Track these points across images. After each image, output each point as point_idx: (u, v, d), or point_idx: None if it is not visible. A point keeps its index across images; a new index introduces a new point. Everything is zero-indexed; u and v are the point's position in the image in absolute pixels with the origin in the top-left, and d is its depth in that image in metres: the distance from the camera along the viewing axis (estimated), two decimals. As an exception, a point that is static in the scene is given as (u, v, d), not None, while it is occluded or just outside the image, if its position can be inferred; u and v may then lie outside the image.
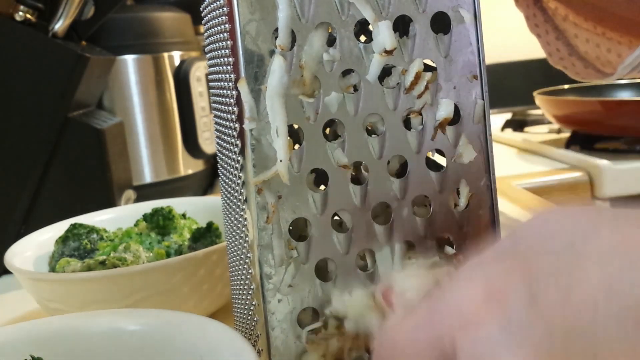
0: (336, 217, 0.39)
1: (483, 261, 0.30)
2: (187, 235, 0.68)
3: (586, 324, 0.25)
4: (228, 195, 0.45)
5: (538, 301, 0.26)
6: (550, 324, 0.26)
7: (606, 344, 0.25)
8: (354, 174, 0.39)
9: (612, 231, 0.27)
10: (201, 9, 0.44)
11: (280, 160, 0.37)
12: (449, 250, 0.40)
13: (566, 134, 1.35)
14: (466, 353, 0.28)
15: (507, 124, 1.55)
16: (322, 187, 0.38)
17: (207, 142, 1.10)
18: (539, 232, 0.29)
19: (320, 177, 0.38)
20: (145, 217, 0.69)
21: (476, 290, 0.28)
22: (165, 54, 1.04)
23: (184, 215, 0.71)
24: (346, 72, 0.38)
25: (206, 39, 0.45)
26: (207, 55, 0.45)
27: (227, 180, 0.45)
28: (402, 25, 0.39)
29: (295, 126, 0.38)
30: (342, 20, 0.37)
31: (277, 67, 0.36)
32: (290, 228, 0.38)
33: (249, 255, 0.39)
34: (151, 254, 0.64)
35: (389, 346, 0.33)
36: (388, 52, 0.37)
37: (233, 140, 0.39)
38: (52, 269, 0.65)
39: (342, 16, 0.37)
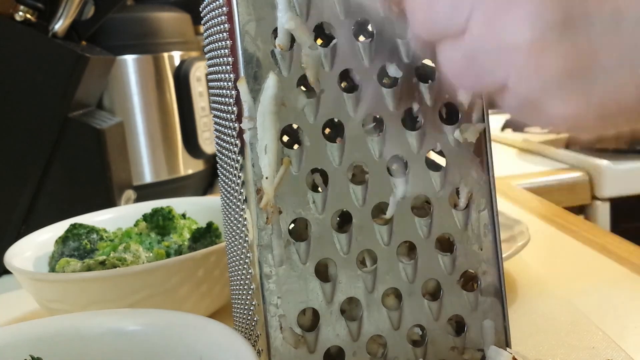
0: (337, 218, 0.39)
1: None
2: (187, 235, 0.68)
3: None
4: (228, 195, 0.45)
5: None
6: None
7: None
8: (354, 174, 0.39)
9: None
10: (201, 9, 0.44)
11: (266, 178, 0.37)
12: None
13: (566, 134, 1.35)
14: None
15: (507, 124, 1.55)
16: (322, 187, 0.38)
17: (207, 142, 1.10)
18: None
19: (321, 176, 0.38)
20: (145, 217, 0.69)
21: None
22: (165, 54, 1.04)
23: (183, 215, 0.71)
24: (345, 72, 0.38)
25: (206, 39, 0.45)
26: (207, 55, 0.45)
27: (226, 180, 0.45)
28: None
29: (295, 126, 0.38)
30: (341, 20, 0.37)
31: (271, 84, 0.36)
32: (291, 228, 0.38)
33: (248, 255, 0.39)
34: (151, 254, 0.64)
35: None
36: None
37: (233, 140, 0.39)
38: (52, 269, 0.65)
39: (341, 16, 0.37)
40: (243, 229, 0.39)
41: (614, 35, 0.25)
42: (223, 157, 0.45)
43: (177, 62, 1.06)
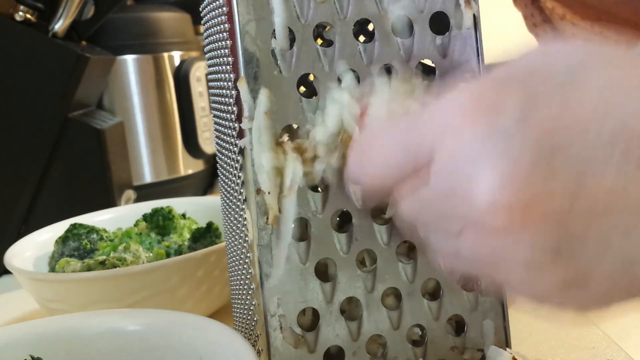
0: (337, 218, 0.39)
1: (475, 82, 0.29)
2: (187, 235, 0.68)
3: (575, 143, 0.25)
4: (228, 195, 0.45)
5: (530, 116, 0.25)
6: (539, 137, 0.25)
7: (592, 165, 0.24)
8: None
9: (612, 64, 0.26)
10: (201, 9, 0.44)
11: (268, 193, 0.37)
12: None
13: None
14: (442, 158, 0.28)
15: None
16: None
17: (207, 142, 1.10)
18: (540, 58, 0.27)
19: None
20: (145, 217, 0.69)
21: (465, 100, 0.27)
22: (165, 54, 1.04)
23: (183, 215, 0.71)
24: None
25: (206, 39, 0.45)
26: (207, 55, 0.45)
27: (226, 180, 0.45)
28: (401, 25, 0.39)
29: (295, 126, 0.38)
30: (341, 20, 0.37)
31: (263, 100, 0.36)
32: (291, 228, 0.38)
33: (248, 255, 0.39)
34: (151, 254, 0.64)
35: (365, 144, 0.33)
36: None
37: (233, 140, 0.39)
38: (52, 269, 0.65)
39: (341, 15, 0.37)
40: (243, 229, 0.39)
41: (605, 253, 0.26)
42: (223, 157, 0.45)
43: (177, 62, 1.06)
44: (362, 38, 0.38)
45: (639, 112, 0.24)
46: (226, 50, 0.38)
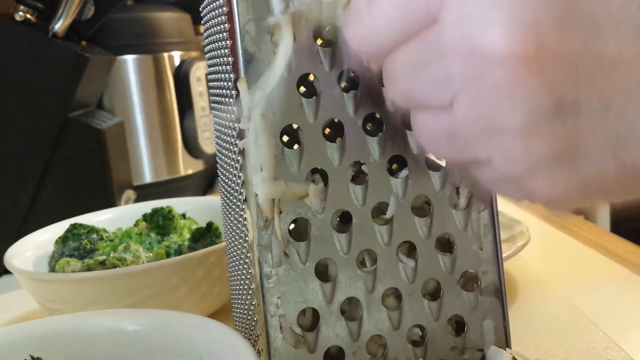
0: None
1: None
2: (187, 235, 0.68)
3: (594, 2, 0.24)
4: (228, 195, 0.45)
5: None
6: None
7: (610, 17, 0.24)
8: (354, 174, 0.39)
9: None
10: (201, 9, 0.44)
11: (257, 195, 0.36)
12: None
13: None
14: (451, 6, 0.26)
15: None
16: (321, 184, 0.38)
17: (207, 142, 1.10)
18: None
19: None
20: (145, 217, 0.69)
21: None
22: (165, 54, 1.04)
23: (183, 215, 0.71)
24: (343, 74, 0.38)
25: (206, 39, 0.45)
26: (207, 55, 0.45)
27: (226, 180, 0.45)
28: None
29: (295, 126, 0.38)
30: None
31: (260, 101, 0.36)
32: (291, 228, 0.38)
33: (248, 255, 0.39)
34: (151, 254, 0.64)
35: (363, 4, 0.30)
36: None
37: (233, 140, 0.39)
38: (52, 269, 0.65)
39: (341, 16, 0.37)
40: (243, 229, 0.39)
41: (600, 124, 0.25)
42: (223, 157, 0.45)
43: (177, 62, 1.06)
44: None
45: None
46: (226, 50, 0.38)
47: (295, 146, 0.38)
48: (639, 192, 0.28)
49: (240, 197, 0.39)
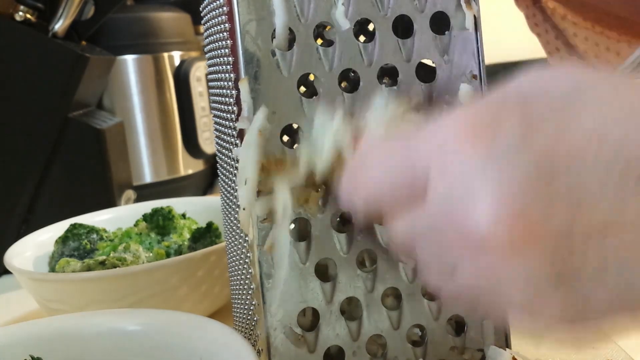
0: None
1: (470, 105, 0.29)
2: (187, 235, 0.68)
3: (575, 165, 0.25)
4: (228, 195, 0.45)
5: (528, 139, 0.25)
6: (538, 160, 0.25)
7: (591, 187, 0.24)
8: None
9: (609, 86, 0.26)
10: (201, 9, 0.44)
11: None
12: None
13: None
14: (438, 180, 0.27)
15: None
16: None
17: (207, 142, 1.10)
18: (534, 83, 0.27)
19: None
20: (145, 217, 0.69)
21: (461, 122, 0.27)
22: (165, 54, 1.04)
23: (183, 215, 0.71)
24: (345, 72, 0.38)
25: (206, 38, 0.45)
26: (207, 55, 0.45)
27: (227, 180, 0.45)
28: (401, 26, 0.39)
29: (295, 126, 0.38)
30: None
31: (261, 117, 0.36)
32: (291, 228, 0.38)
33: (248, 255, 0.39)
34: (151, 254, 0.64)
35: (358, 162, 0.32)
36: None
37: (233, 140, 0.39)
38: (52, 269, 0.65)
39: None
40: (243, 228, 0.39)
41: (600, 285, 0.26)
42: (223, 157, 0.45)
43: (177, 62, 1.06)
44: (362, 38, 0.38)
45: (634, 135, 0.24)
46: (226, 50, 0.38)
47: (295, 146, 0.38)
48: None
49: (240, 197, 0.39)
